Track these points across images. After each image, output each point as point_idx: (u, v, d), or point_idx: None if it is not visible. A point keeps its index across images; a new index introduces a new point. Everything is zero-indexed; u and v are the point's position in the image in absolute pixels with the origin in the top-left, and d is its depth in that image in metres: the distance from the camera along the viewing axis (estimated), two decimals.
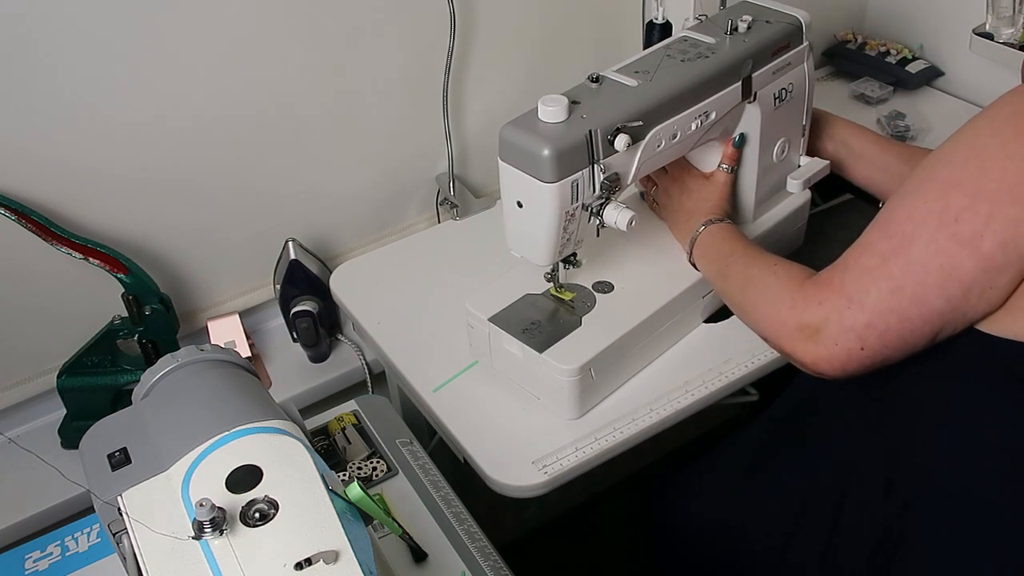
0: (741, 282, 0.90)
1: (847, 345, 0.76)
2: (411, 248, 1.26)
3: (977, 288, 0.72)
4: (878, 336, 0.75)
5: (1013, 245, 0.70)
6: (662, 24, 1.25)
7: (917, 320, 0.74)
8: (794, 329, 0.79)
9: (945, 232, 0.71)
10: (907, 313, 0.74)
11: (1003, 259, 0.70)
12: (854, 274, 0.77)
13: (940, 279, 0.72)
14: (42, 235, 1.02)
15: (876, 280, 0.74)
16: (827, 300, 0.77)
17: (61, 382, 1.11)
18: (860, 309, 0.75)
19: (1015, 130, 0.70)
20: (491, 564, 0.83)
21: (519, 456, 0.93)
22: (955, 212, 0.71)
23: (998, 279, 0.71)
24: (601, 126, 0.85)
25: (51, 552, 0.87)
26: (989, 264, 0.70)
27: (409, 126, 1.27)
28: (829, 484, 0.89)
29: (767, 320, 0.84)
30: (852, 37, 1.55)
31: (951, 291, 0.72)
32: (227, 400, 0.65)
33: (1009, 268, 0.71)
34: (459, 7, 1.19)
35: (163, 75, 1.05)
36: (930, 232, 0.72)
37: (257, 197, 1.20)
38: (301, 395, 1.22)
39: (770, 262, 0.88)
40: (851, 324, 0.75)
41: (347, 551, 0.55)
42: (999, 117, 0.72)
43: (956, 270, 0.71)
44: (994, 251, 0.70)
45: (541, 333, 0.95)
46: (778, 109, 1.03)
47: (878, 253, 0.75)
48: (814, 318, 0.78)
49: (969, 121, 0.75)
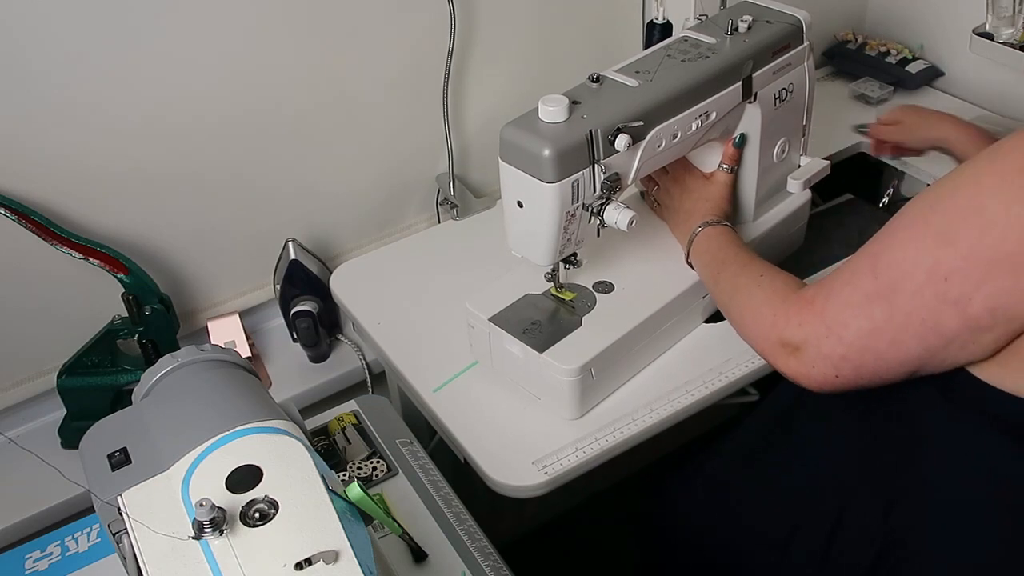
0: (729, 291, 0.91)
1: (823, 370, 0.77)
2: (411, 248, 1.26)
3: (959, 342, 0.70)
4: (853, 369, 0.75)
5: (1002, 311, 0.67)
6: (662, 24, 1.25)
7: (893, 362, 0.73)
8: (776, 344, 0.80)
9: (932, 288, 0.69)
10: (883, 355, 0.73)
11: (990, 321, 0.68)
12: (836, 305, 0.76)
13: (921, 330, 0.71)
14: (42, 235, 1.02)
15: (856, 317, 0.74)
16: (807, 323, 0.77)
17: (61, 382, 1.11)
18: (838, 341, 0.75)
19: (1020, 190, 0.65)
20: (491, 564, 0.83)
21: (519, 456, 0.93)
22: (945, 271, 0.68)
23: (982, 337, 0.69)
24: (602, 126, 0.85)
25: (51, 552, 0.87)
26: (975, 325, 0.68)
27: (409, 126, 1.27)
28: (828, 483, 0.89)
29: (751, 331, 0.86)
30: (852, 37, 1.55)
31: (931, 342, 0.71)
32: (227, 400, 0.65)
33: (996, 328, 0.68)
34: (459, 7, 1.19)
35: (163, 75, 1.05)
36: (917, 284, 0.70)
37: (257, 197, 1.20)
38: (301, 395, 1.22)
39: (757, 272, 0.88)
40: (828, 353, 0.76)
41: (347, 551, 0.55)
42: (1006, 173, 0.66)
43: (939, 326, 0.70)
44: (981, 314, 0.68)
45: (541, 333, 0.95)
46: (778, 109, 1.03)
47: (862, 290, 0.74)
48: (794, 337, 0.78)
49: (973, 163, 0.70)
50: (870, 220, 1.29)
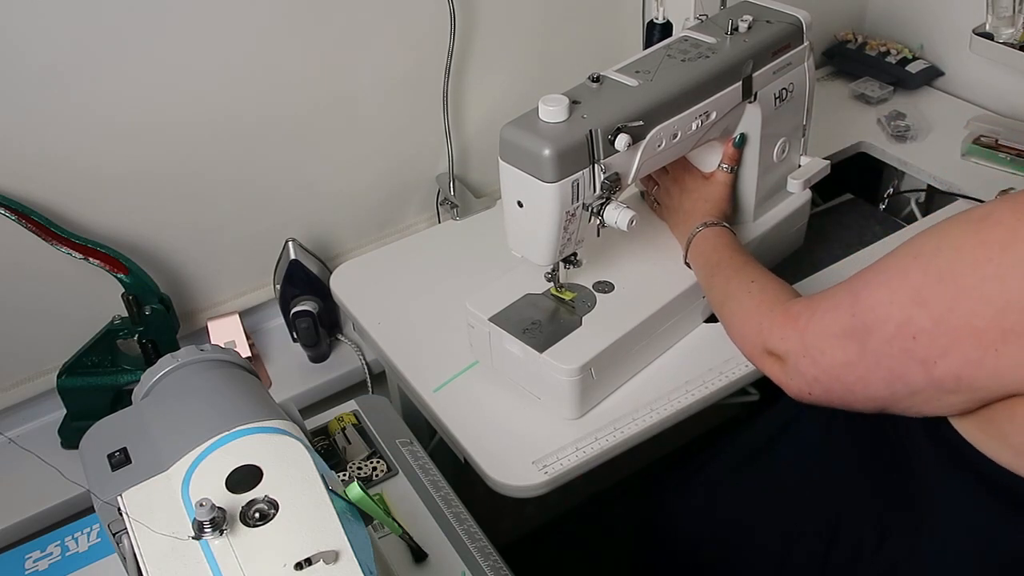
0: (721, 295, 0.92)
1: (799, 384, 0.78)
2: (411, 248, 1.26)
3: (924, 395, 0.70)
4: (824, 391, 0.76)
5: (967, 380, 0.66)
6: (662, 24, 1.25)
7: (860, 396, 0.74)
8: (761, 351, 0.82)
9: (901, 343, 0.68)
10: (852, 388, 0.74)
11: (954, 386, 0.67)
12: (816, 329, 0.76)
13: (888, 377, 0.70)
14: (42, 235, 1.02)
15: (832, 347, 0.74)
16: (789, 339, 0.78)
17: (61, 382, 1.11)
18: (812, 363, 0.76)
19: (997, 267, 0.63)
20: (491, 564, 0.83)
21: (519, 456, 0.93)
22: (914, 331, 0.67)
23: (949, 398, 0.69)
24: (602, 126, 0.85)
25: (51, 552, 0.87)
26: (940, 386, 0.68)
27: (409, 126, 1.27)
28: (827, 487, 0.90)
29: (738, 337, 0.88)
30: (852, 37, 1.55)
31: (896, 388, 0.71)
32: (227, 400, 0.65)
33: (960, 394, 0.68)
34: (459, 7, 1.19)
35: (164, 75, 1.05)
36: (888, 335, 0.69)
37: (257, 197, 1.20)
38: (301, 395, 1.22)
39: (749, 278, 0.89)
40: (803, 371, 0.77)
41: (347, 551, 0.55)
42: (988, 243, 0.64)
43: (906, 377, 0.69)
44: (946, 378, 0.67)
45: (541, 333, 0.95)
46: (778, 109, 1.03)
47: (840, 323, 0.73)
48: (777, 348, 0.80)
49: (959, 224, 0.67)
50: (870, 220, 1.29)
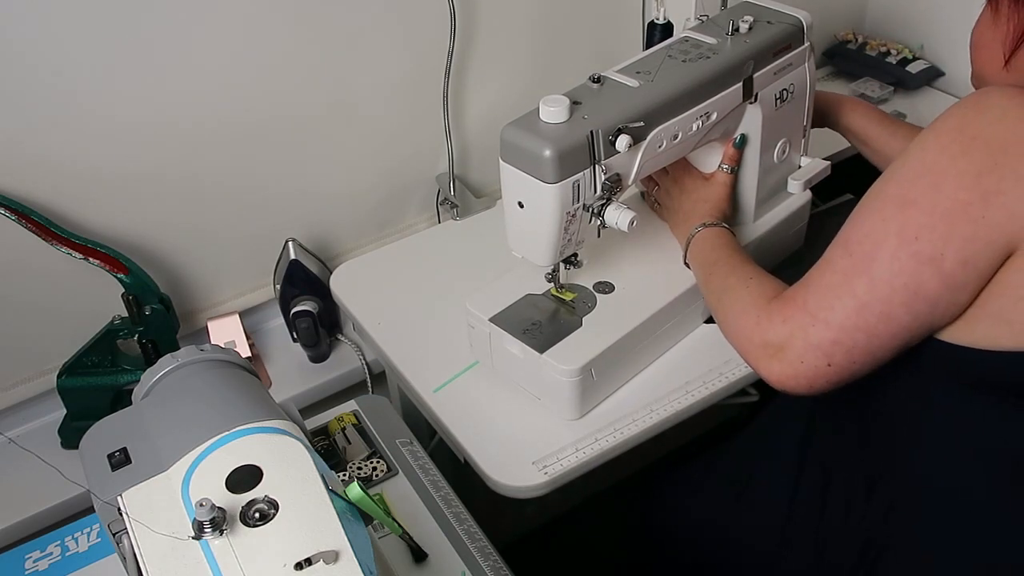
0: (718, 293, 0.91)
1: (813, 362, 0.76)
2: (411, 248, 1.26)
3: (943, 304, 0.71)
4: (845, 352, 0.75)
5: (972, 264, 0.69)
6: (663, 24, 1.25)
7: (885, 335, 0.74)
8: (759, 346, 0.80)
9: (907, 250, 0.71)
10: (875, 330, 0.73)
11: (964, 278, 0.70)
12: (817, 291, 0.76)
13: (906, 297, 0.72)
14: (42, 235, 1.02)
15: (840, 297, 0.74)
16: (791, 318, 0.77)
17: (61, 382, 1.11)
18: (825, 326, 0.75)
19: (961, 147, 0.69)
20: (491, 564, 0.83)
21: (519, 456, 0.93)
22: (914, 230, 0.70)
23: (960, 296, 0.71)
24: (602, 126, 0.85)
25: (51, 552, 0.87)
26: (952, 282, 0.70)
27: (409, 126, 1.27)
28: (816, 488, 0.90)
29: (735, 335, 0.85)
30: (853, 37, 1.55)
31: (918, 308, 0.72)
32: (227, 400, 0.65)
33: (969, 286, 0.70)
34: (459, 7, 1.19)
35: (163, 75, 1.05)
36: (891, 250, 0.71)
37: (257, 197, 1.20)
38: (301, 395, 1.22)
39: (746, 275, 0.88)
40: (817, 341, 0.75)
41: (347, 551, 0.55)
42: (945, 131, 0.71)
43: (922, 288, 0.71)
44: (955, 270, 0.70)
45: (542, 333, 0.95)
46: (779, 110, 1.03)
47: (840, 271, 0.75)
48: (778, 336, 0.78)
49: (917, 138, 0.74)
50: None
